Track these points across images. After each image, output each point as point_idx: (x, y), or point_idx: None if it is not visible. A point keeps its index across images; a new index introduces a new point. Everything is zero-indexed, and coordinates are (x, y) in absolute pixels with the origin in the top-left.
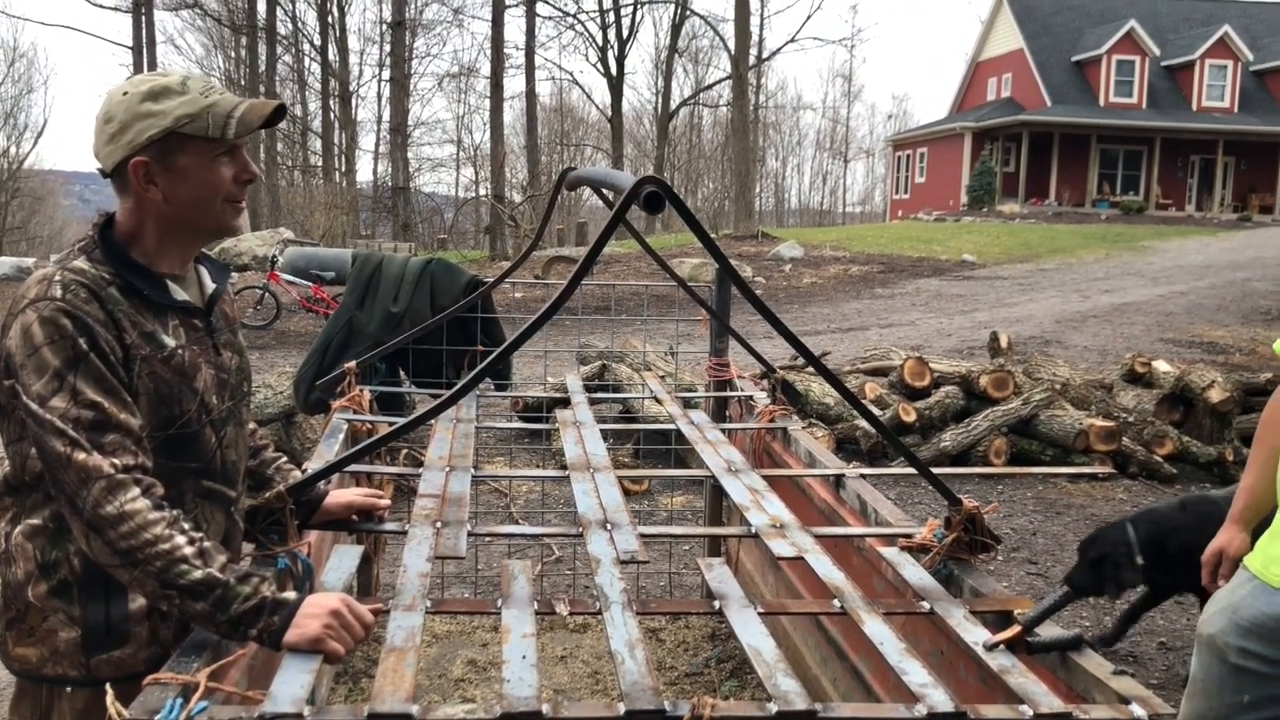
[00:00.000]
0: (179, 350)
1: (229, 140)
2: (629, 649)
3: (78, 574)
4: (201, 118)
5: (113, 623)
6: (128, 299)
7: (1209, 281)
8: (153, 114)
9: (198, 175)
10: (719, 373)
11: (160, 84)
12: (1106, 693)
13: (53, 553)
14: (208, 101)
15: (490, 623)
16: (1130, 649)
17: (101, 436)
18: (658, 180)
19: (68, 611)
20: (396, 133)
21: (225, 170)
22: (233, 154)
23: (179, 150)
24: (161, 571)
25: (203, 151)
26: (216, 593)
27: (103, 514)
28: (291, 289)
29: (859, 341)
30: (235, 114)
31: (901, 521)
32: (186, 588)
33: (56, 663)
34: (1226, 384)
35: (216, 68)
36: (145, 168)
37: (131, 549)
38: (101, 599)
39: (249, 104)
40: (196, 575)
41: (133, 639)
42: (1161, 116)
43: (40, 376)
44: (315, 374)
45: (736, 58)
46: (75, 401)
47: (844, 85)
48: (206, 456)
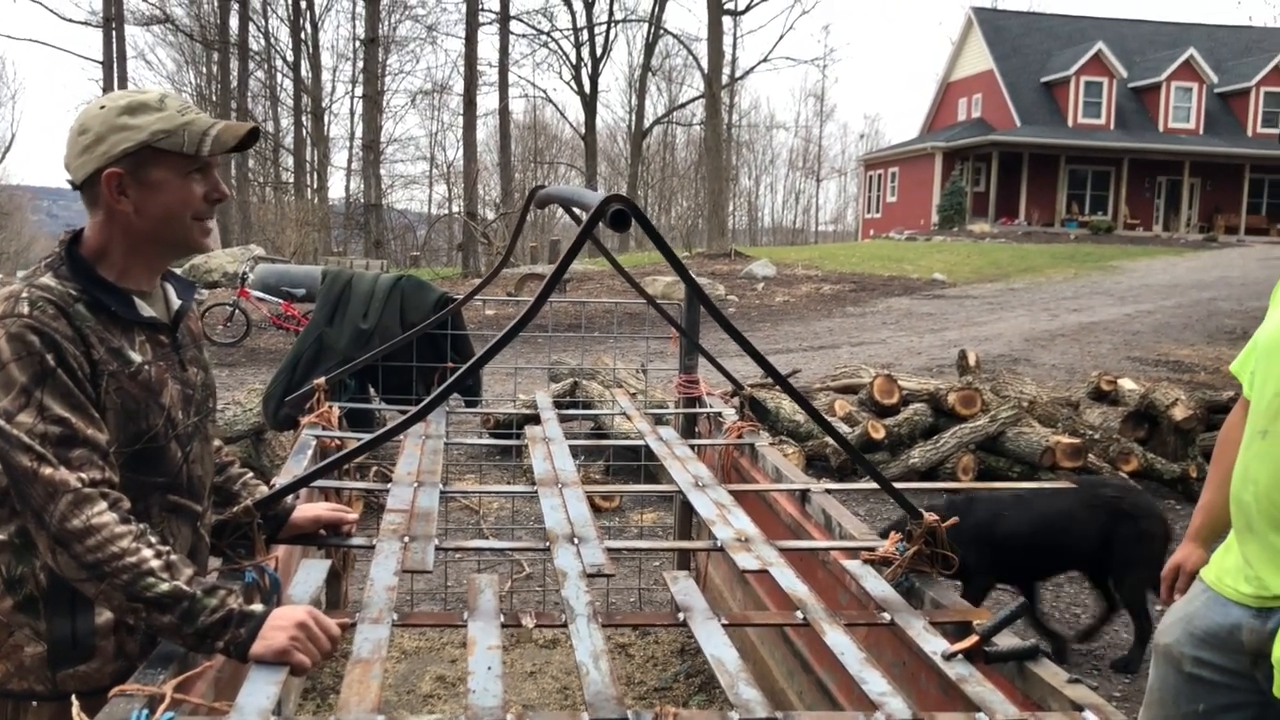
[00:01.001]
0: (145, 366)
1: (203, 158)
2: (594, 660)
3: (44, 589)
4: (177, 134)
5: (79, 637)
6: (95, 315)
7: (1175, 301)
8: (129, 127)
9: (169, 190)
10: (689, 390)
11: (138, 100)
12: (1061, 701)
13: (18, 568)
14: (184, 119)
15: (460, 639)
16: (1094, 661)
17: (68, 451)
18: (624, 199)
19: (34, 626)
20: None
21: (197, 187)
22: (205, 172)
23: (153, 164)
24: (128, 584)
25: (176, 167)
26: (183, 605)
27: (69, 528)
28: (262, 306)
29: (830, 359)
30: (211, 133)
31: (865, 535)
32: (153, 600)
33: (22, 678)
34: (1190, 402)
35: (188, 83)
36: (118, 179)
37: (98, 562)
38: (68, 614)
39: (224, 125)
40: (163, 588)
41: (99, 653)
42: (1129, 137)
43: (7, 393)
44: (285, 390)
45: (709, 77)
46: (42, 417)
47: (816, 105)
48: (172, 471)
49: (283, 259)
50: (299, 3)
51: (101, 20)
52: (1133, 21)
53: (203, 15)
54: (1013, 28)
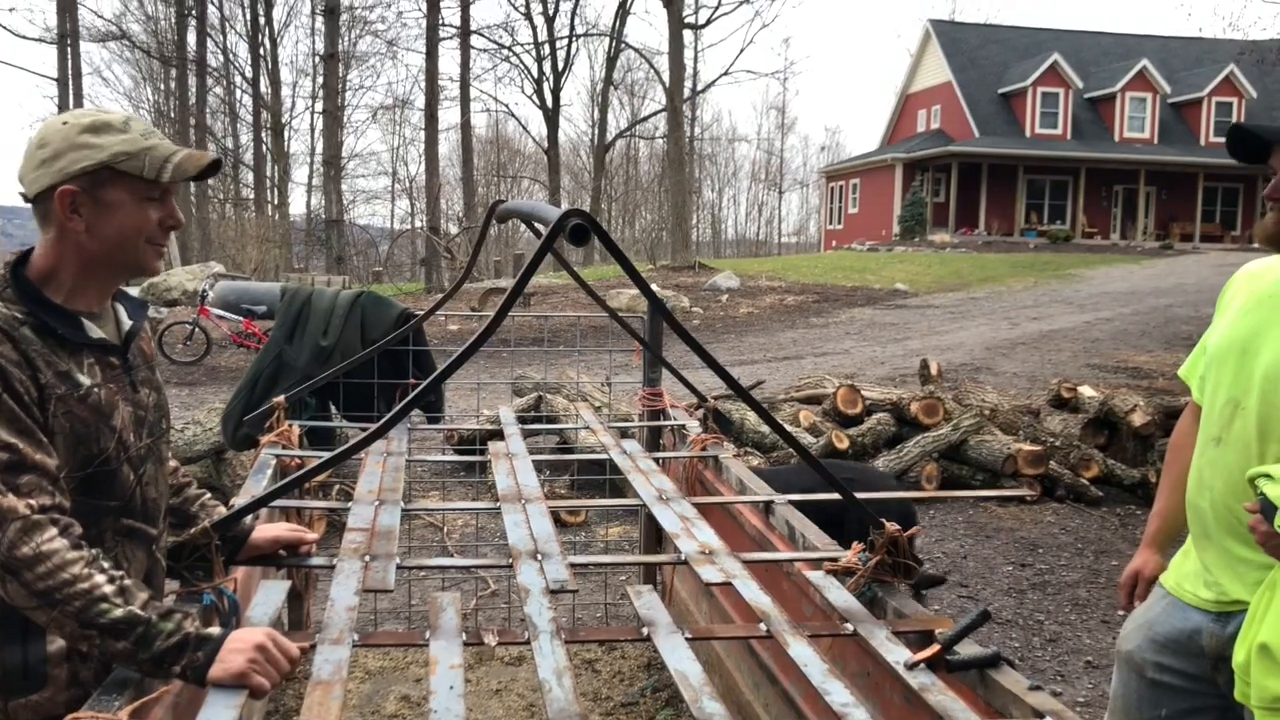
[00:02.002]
0: (95, 389)
1: (162, 183)
2: (557, 677)
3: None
4: (139, 157)
5: (30, 665)
6: (41, 338)
7: (1133, 308)
8: (90, 146)
9: (124, 212)
10: (652, 403)
11: (103, 119)
12: (1023, 708)
13: None
14: (147, 144)
15: (424, 658)
16: (1058, 668)
17: (16, 478)
18: (583, 213)
19: None
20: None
21: (153, 212)
22: (162, 198)
23: (110, 185)
24: (81, 611)
25: (134, 190)
26: (138, 630)
27: (19, 555)
28: (222, 324)
29: (794, 370)
30: (173, 160)
31: (828, 545)
32: (107, 627)
33: None
34: (1149, 408)
35: (146, 100)
36: (72, 197)
37: (49, 589)
38: (19, 642)
39: (187, 153)
40: (117, 614)
41: (51, 682)
42: (1085, 147)
43: None
44: (243, 409)
45: (671, 90)
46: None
47: (777, 117)
48: (125, 494)
49: (243, 276)
50: (257, 19)
51: (56, 37)
52: (1088, 33)
53: (160, 31)
54: (970, 40)
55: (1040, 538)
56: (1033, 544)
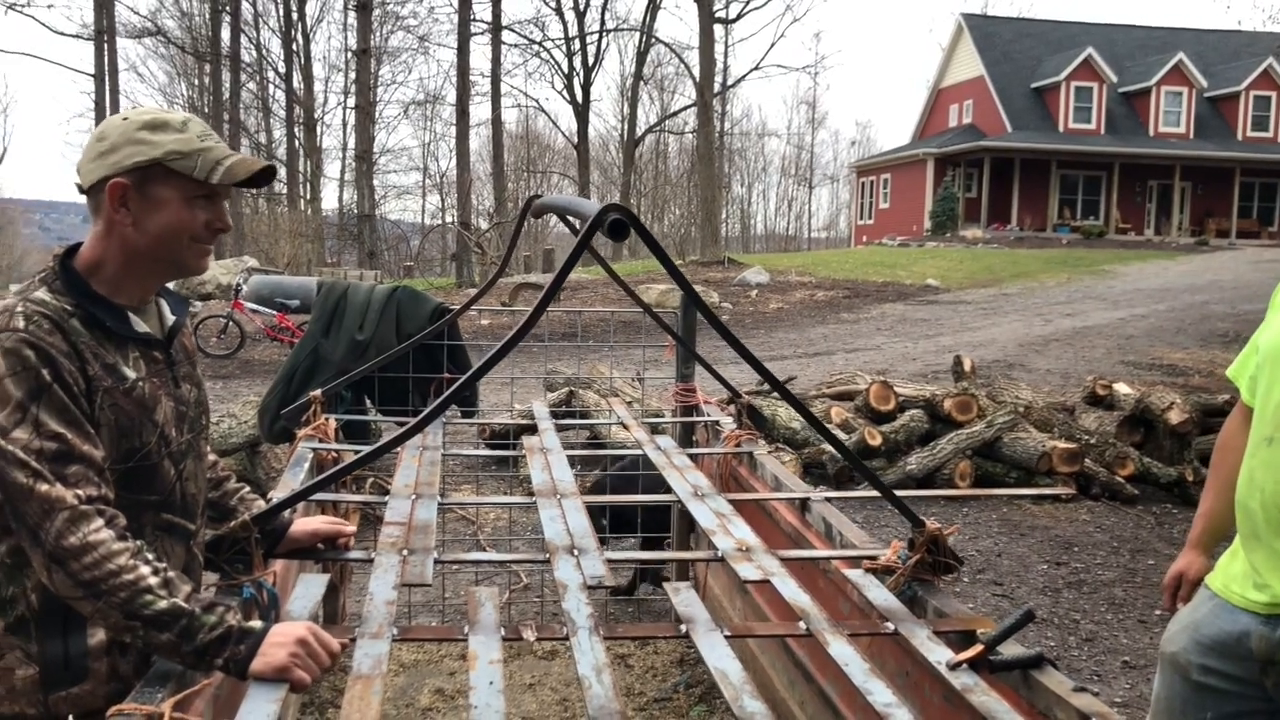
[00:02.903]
0: (139, 382)
1: (211, 185)
2: (596, 673)
3: (35, 610)
4: (191, 157)
5: (71, 659)
6: (89, 330)
7: (1168, 305)
8: (146, 142)
9: (172, 210)
10: (685, 398)
11: (162, 118)
12: (1067, 710)
13: (9, 588)
14: (202, 145)
15: (458, 651)
16: (1094, 668)
17: (64, 468)
18: (622, 208)
19: (25, 649)
20: (362, 160)
21: (200, 213)
22: (211, 200)
23: (159, 182)
24: (126, 602)
25: (183, 189)
26: (182, 623)
27: (65, 545)
28: (256, 317)
29: (825, 366)
30: (225, 163)
31: (866, 544)
32: (151, 618)
33: (13, 701)
34: (1186, 406)
35: (180, 95)
36: (122, 190)
37: (95, 580)
38: (59, 635)
39: (240, 158)
40: (161, 605)
41: (91, 675)
42: (1119, 142)
43: (2, 408)
44: (280, 403)
45: (701, 85)
46: (38, 433)
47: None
48: (166, 489)
49: (276, 270)
50: (290, 14)
51: (93, 33)
52: (1122, 26)
53: (194, 27)
54: (1003, 34)
55: (1075, 536)
56: (1068, 542)
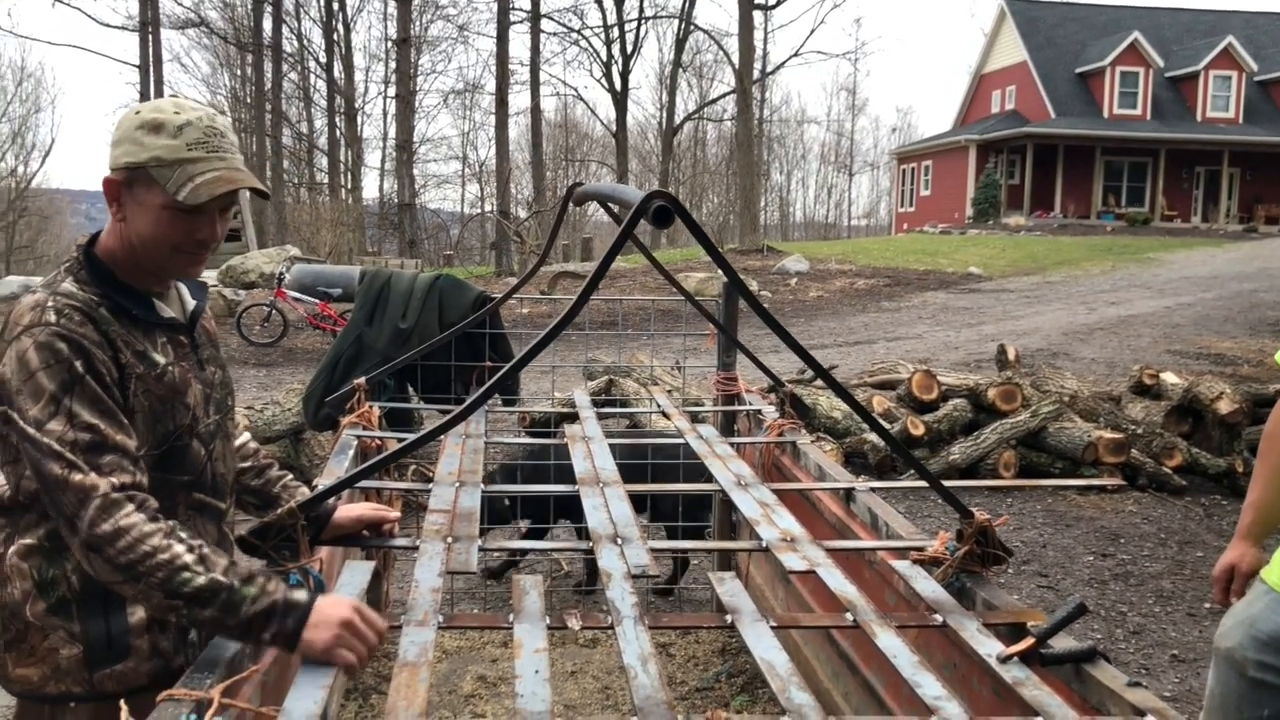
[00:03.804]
0: (169, 367)
1: (180, 203)
2: (642, 663)
3: (76, 591)
4: (170, 168)
5: (114, 637)
6: (117, 319)
7: (1215, 293)
8: (138, 143)
9: (153, 217)
10: (727, 387)
11: (160, 120)
12: (1121, 705)
13: (50, 571)
14: (186, 155)
15: (500, 638)
16: (1143, 661)
17: (99, 458)
18: (666, 194)
19: (68, 628)
20: (402, 149)
21: (180, 224)
22: (194, 212)
23: (143, 186)
24: (164, 582)
25: (160, 198)
26: (222, 597)
27: (99, 532)
28: (298, 306)
29: (866, 355)
30: (199, 179)
31: (913, 535)
32: (191, 595)
33: (59, 680)
34: (1235, 395)
35: (223, 86)
36: (115, 187)
37: (132, 563)
38: (101, 614)
39: (218, 177)
40: (200, 581)
41: (134, 652)
42: (1166, 128)
43: (36, 401)
44: (325, 390)
45: (740, 72)
46: (72, 424)
47: (848, 99)
48: (197, 470)
49: (318, 259)
50: (331, 4)
51: (138, 25)
52: (1169, 10)
53: (237, 18)
54: (1046, 18)
55: (1122, 527)
56: (1114, 534)
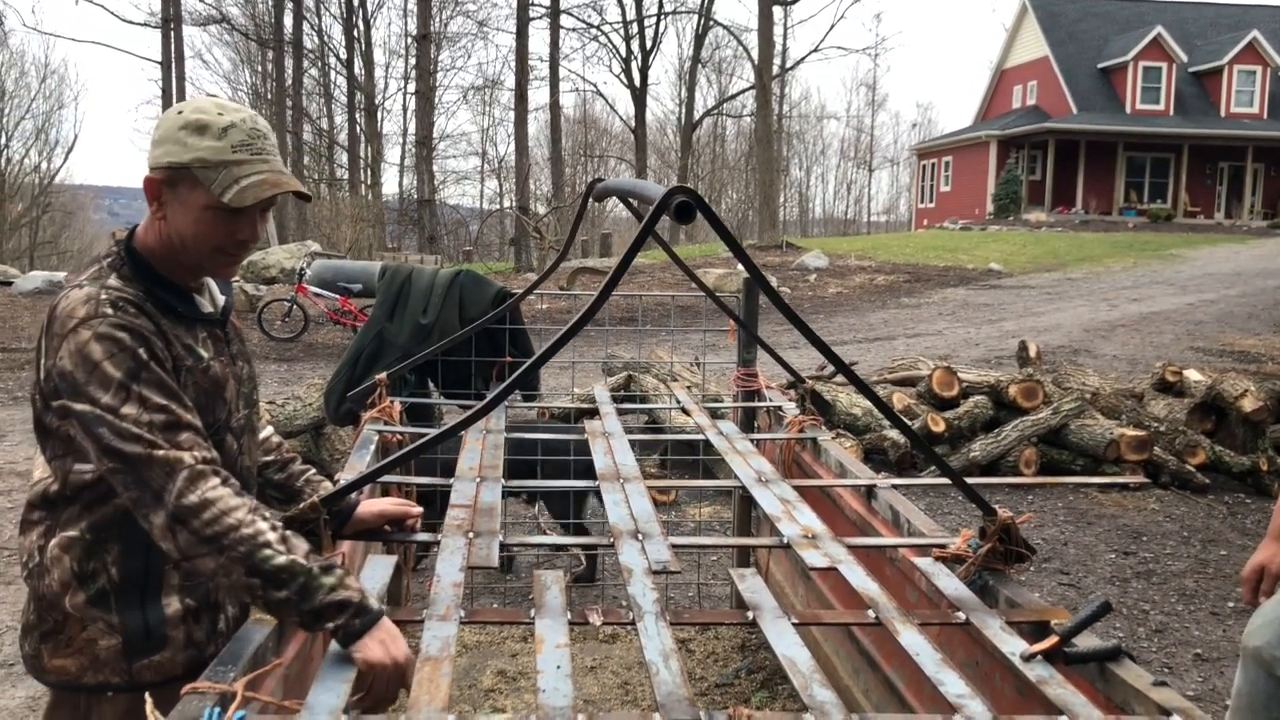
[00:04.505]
0: (211, 362)
1: (224, 204)
2: (663, 659)
3: (115, 583)
4: (215, 170)
5: (151, 628)
6: (163, 314)
7: (1239, 290)
8: (181, 143)
9: (194, 217)
10: (747, 383)
11: (204, 121)
12: (1146, 704)
13: (90, 563)
14: (232, 158)
15: (520, 633)
16: (1165, 660)
17: (176, 435)
18: (688, 190)
19: (107, 620)
20: (422, 145)
21: (221, 224)
22: (236, 213)
23: (186, 186)
24: (246, 556)
25: (206, 199)
26: (300, 580)
27: (186, 503)
28: (319, 301)
29: (886, 351)
30: (244, 182)
31: (935, 532)
32: (271, 573)
33: (98, 671)
34: (1259, 393)
35: (244, 82)
36: (155, 186)
37: (216, 535)
38: (139, 606)
39: (262, 180)
40: (280, 561)
41: (170, 643)
42: (1189, 123)
43: (105, 390)
44: (346, 386)
45: (760, 67)
46: (145, 407)
47: (868, 94)
48: (229, 463)
49: (339, 255)
50: (351, 0)
51: (160, 21)
52: (1193, 4)
53: (258, 15)
54: (1068, 13)
55: (1144, 526)
56: (1136, 532)
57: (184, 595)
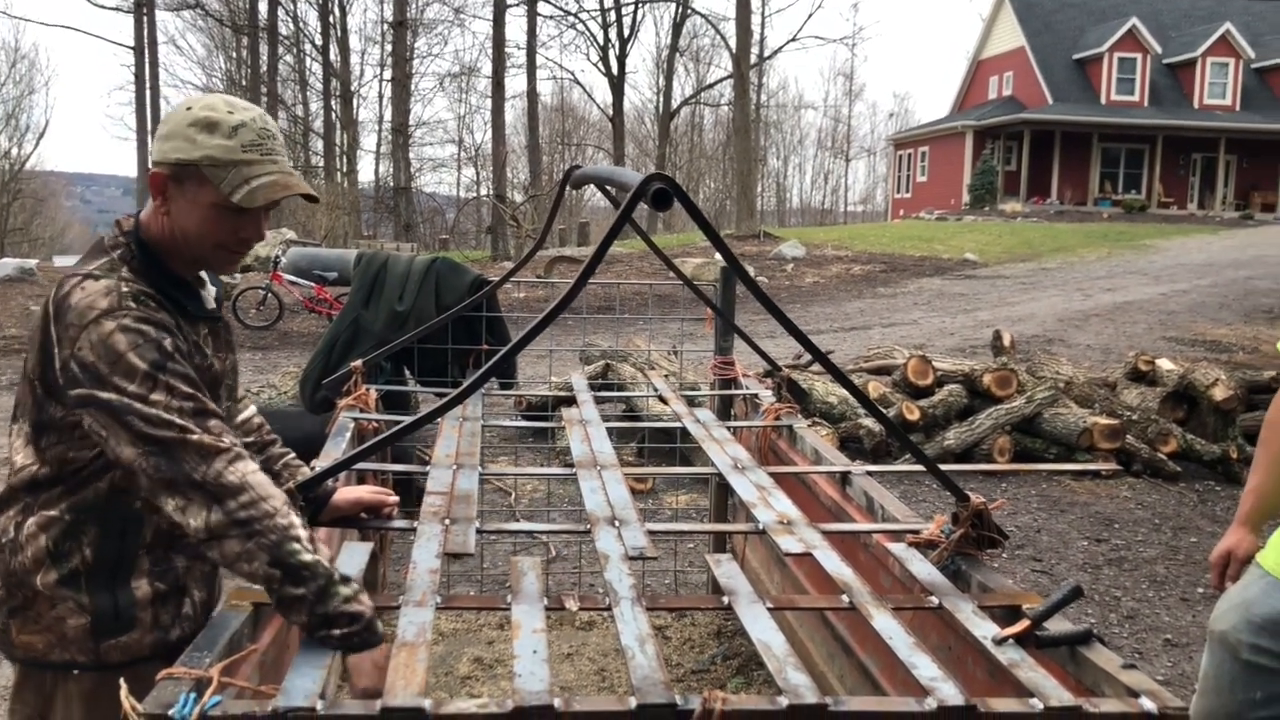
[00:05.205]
0: (212, 358)
1: (233, 203)
2: (640, 644)
3: (89, 564)
4: (224, 169)
5: (121, 609)
6: (175, 311)
7: (1211, 280)
8: (191, 140)
9: (200, 214)
10: (724, 371)
11: (214, 119)
12: (1116, 686)
13: (66, 543)
14: (241, 157)
15: (496, 621)
16: (1136, 645)
17: (205, 421)
18: (665, 177)
19: (77, 599)
20: (398, 133)
21: (226, 222)
22: (239, 213)
23: (193, 183)
24: (275, 546)
25: (214, 196)
26: (320, 582)
27: (226, 482)
28: (294, 289)
29: (862, 340)
30: (254, 183)
31: (909, 518)
32: (294, 568)
33: (64, 649)
34: (1230, 382)
35: (218, 68)
36: (161, 181)
37: (250, 519)
38: (108, 588)
39: (272, 181)
40: (306, 558)
41: (138, 624)
42: (1163, 114)
43: (131, 380)
44: (321, 373)
45: (738, 56)
46: (173, 395)
47: (845, 84)
48: None
49: (314, 243)
50: None
51: (133, 6)
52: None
53: (232, 0)
54: (1045, 4)
55: (1116, 513)
56: (1108, 519)
57: (154, 579)
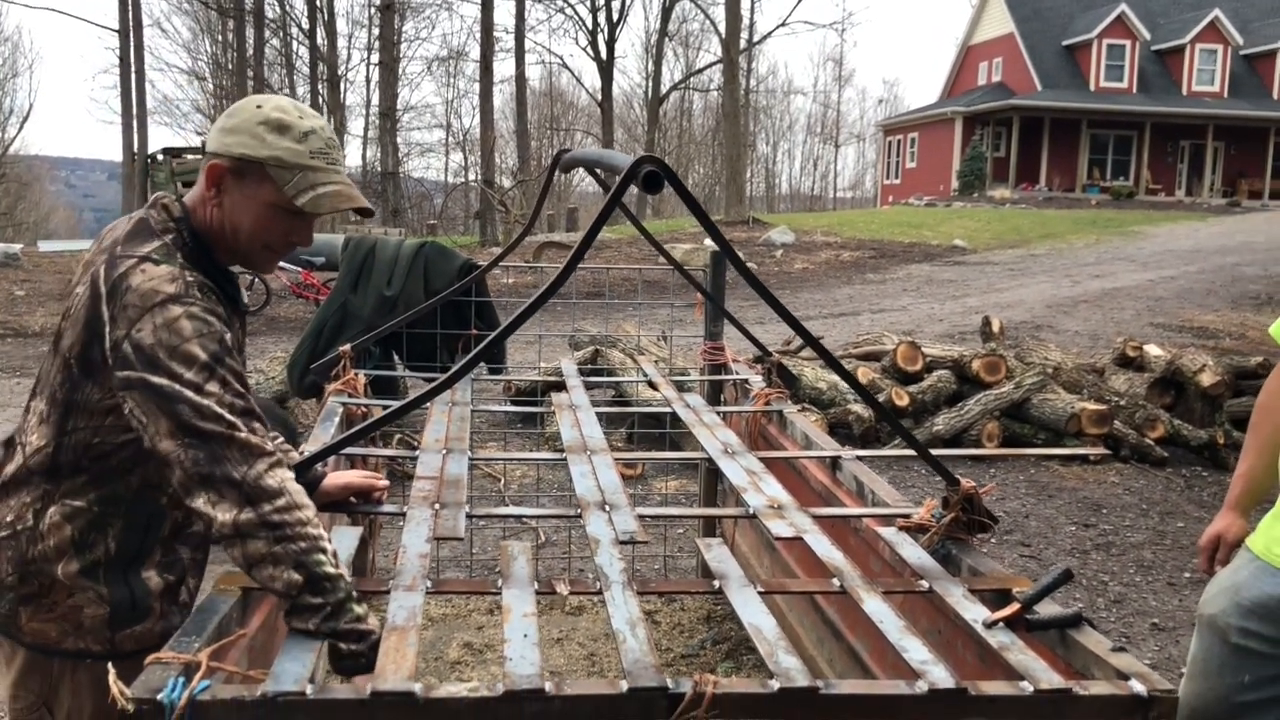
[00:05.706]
0: (240, 352)
1: (294, 206)
2: (630, 628)
3: (111, 555)
4: (291, 171)
5: (137, 598)
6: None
7: (1198, 266)
8: (260, 139)
9: (256, 212)
10: (714, 356)
11: (286, 121)
12: (1106, 669)
13: (91, 534)
14: (309, 163)
15: (486, 606)
16: (1123, 630)
17: (251, 422)
18: (656, 160)
19: (97, 590)
20: (385, 117)
21: (281, 223)
22: (297, 215)
23: (254, 180)
24: (302, 554)
25: (274, 196)
26: (338, 596)
27: (265, 485)
28: (281, 274)
29: (851, 326)
30: (319, 190)
31: (899, 502)
32: (315, 578)
33: (79, 638)
34: (1217, 368)
35: (204, 52)
36: (220, 173)
37: (283, 524)
38: (123, 581)
39: (337, 191)
40: (329, 570)
41: (151, 613)
42: (1152, 101)
43: (189, 368)
44: (309, 358)
45: (727, 42)
46: (226, 390)
47: (835, 69)
48: None
49: None
50: None
51: None
52: None
53: None
54: None
55: (1104, 498)
56: (1096, 504)
57: (163, 570)
